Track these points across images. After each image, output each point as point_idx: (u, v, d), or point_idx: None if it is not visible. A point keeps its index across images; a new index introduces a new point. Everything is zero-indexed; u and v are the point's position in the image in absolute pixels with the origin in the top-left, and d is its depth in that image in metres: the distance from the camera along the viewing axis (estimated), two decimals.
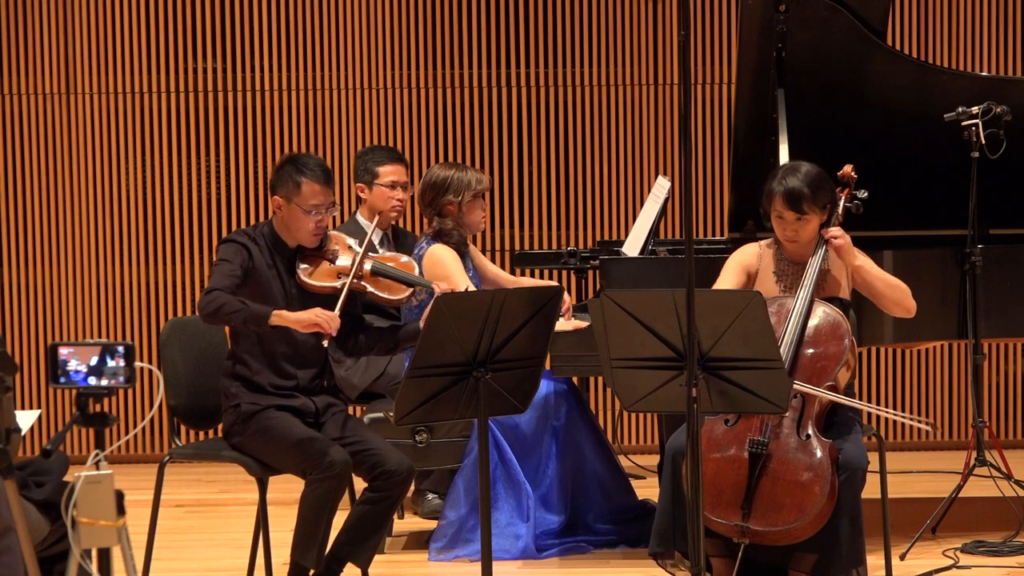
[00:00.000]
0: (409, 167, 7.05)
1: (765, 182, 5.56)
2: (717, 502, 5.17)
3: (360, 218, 6.89)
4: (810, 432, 5.24)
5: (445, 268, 6.20)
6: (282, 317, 5.26)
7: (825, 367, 5.34)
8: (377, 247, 6.71)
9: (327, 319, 5.28)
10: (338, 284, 5.46)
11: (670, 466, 5.33)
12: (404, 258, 5.71)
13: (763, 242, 5.67)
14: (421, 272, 5.94)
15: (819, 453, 5.20)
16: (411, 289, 5.56)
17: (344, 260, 5.51)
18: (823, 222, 5.52)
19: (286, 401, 5.46)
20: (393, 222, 6.93)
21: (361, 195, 6.88)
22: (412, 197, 7.04)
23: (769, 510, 5.17)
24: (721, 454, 5.24)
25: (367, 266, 5.51)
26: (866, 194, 5.71)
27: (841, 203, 5.63)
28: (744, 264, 5.63)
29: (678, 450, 5.30)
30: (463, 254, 6.31)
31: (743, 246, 5.72)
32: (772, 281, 5.56)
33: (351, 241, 5.60)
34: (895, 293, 5.54)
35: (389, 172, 6.82)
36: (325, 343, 5.35)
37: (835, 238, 5.50)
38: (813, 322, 5.39)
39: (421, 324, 5.42)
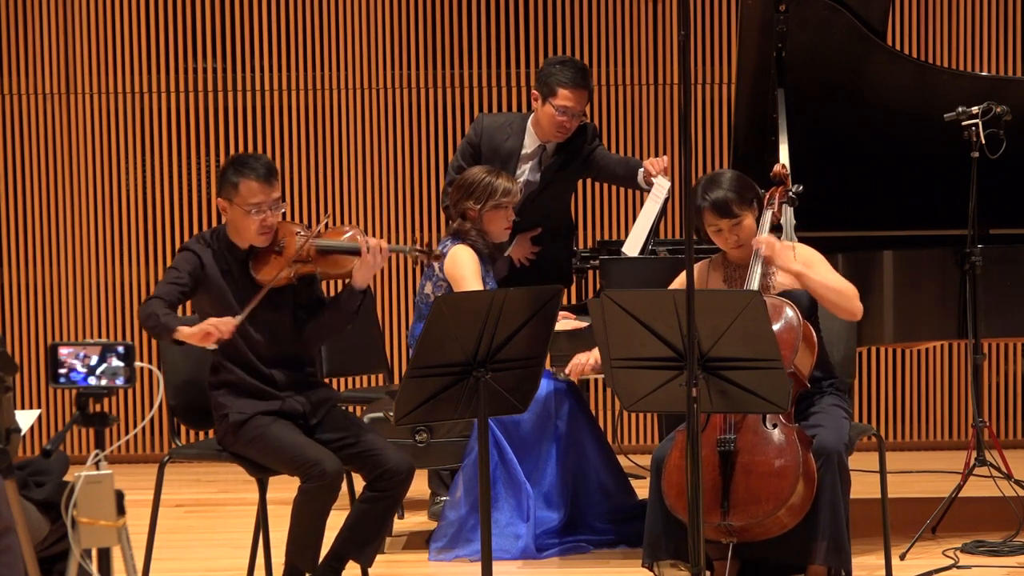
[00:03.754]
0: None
1: (690, 201, 5.52)
2: None
3: (530, 127, 6.65)
4: (775, 420, 5.23)
5: (461, 269, 6.18)
6: (181, 332, 5.20)
7: (781, 356, 5.31)
8: (524, 160, 6.60)
9: (216, 323, 5.20)
10: (289, 273, 5.38)
11: (655, 477, 5.32)
12: (347, 230, 5.51)
13: (715, 256, 5.64)
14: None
15: (787, 438, 5.18)
16: (357, 257, 5.38)
17: (291, 248, 5.41)
18: (757, 216, 5.50)
19: (269, 405, 5.41)
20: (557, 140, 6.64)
21: (533, 103, 6.63)
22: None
23: (748, 503, 5.16)
24: None
25: (315, 247, 5.39)
26: (801, 188, 5.68)
27: (776, 201, 5.61)
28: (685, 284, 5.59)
29: (660, 460, 5.29)
30: (485, 260, 6.27)
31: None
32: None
33: (298, 228, 5.47)
34: (838, 298, 5.40)
35: (566, 97, 6.51)
36: (214, 346, 5.22)
37: (761, 247, 5.42)
38: None
39: None
